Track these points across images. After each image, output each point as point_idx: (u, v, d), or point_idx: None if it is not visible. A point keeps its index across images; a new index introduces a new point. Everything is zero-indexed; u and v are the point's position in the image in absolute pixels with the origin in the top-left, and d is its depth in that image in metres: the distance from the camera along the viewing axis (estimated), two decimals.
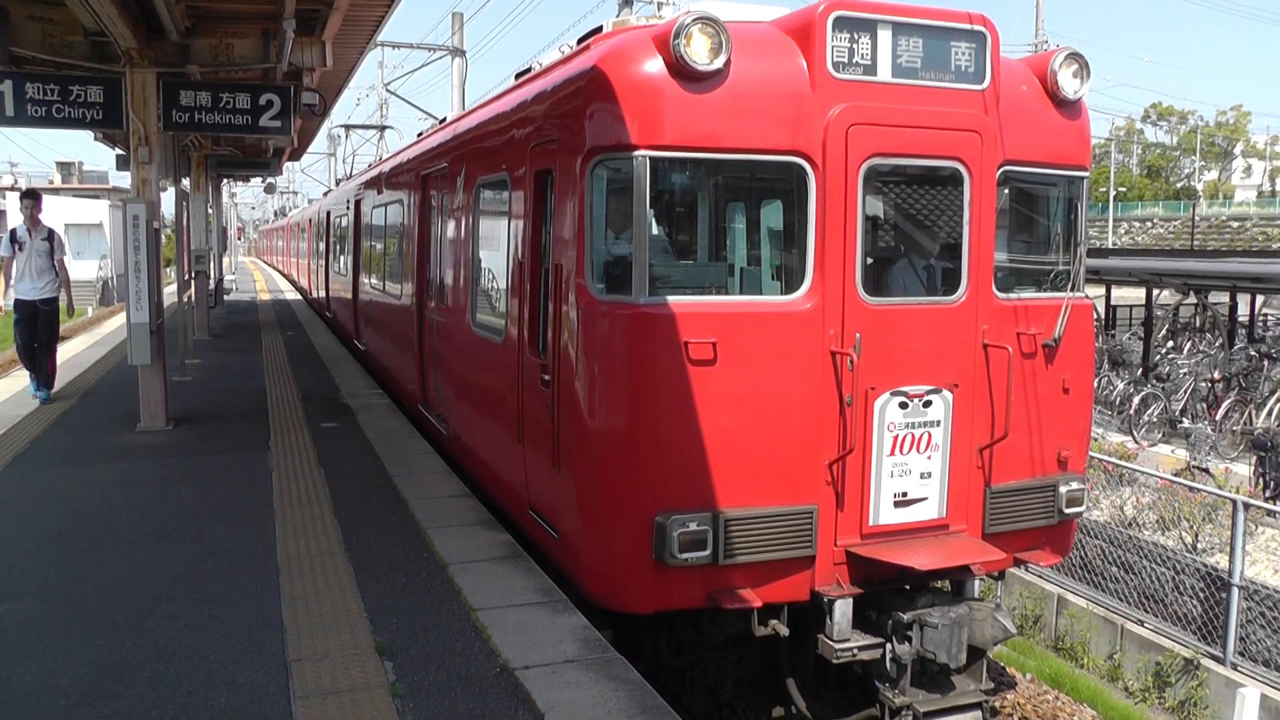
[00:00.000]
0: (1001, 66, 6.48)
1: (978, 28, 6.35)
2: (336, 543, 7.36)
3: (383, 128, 32.50)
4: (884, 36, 6.12)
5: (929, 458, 6.35)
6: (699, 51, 5.77)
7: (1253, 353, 20.16)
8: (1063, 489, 6.88)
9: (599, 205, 6.12)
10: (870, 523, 6.26)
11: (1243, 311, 24.56)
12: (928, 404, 6.32)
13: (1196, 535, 11.56)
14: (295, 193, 71.59)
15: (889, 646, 6.23)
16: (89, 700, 4.99)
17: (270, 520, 7.90)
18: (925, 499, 6.38)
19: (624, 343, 5.95)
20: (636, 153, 5.85)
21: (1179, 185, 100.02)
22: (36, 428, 11.52)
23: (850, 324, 6.11)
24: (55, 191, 69.00)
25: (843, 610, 6.19)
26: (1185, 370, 19.84)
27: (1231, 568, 9.44)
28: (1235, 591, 9.35)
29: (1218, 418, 17.39)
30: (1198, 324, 25.08)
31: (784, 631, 6.32)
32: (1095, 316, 14.84)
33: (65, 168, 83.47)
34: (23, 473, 9.43)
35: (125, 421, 11.63)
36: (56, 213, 56.67)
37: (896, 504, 6.31)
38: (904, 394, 6.25)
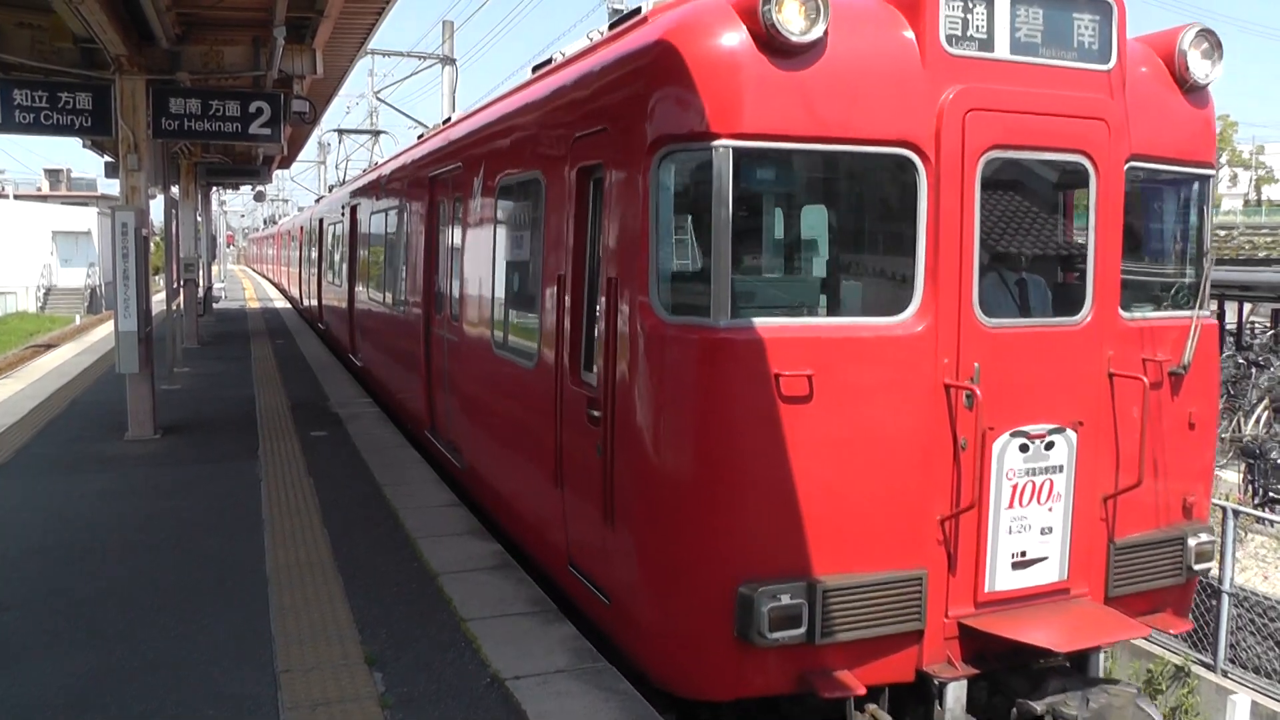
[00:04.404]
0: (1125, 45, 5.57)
1: None
2: (326, 552, 7.32)
3: (377, 132, 32.43)
4: (1001, 4, 5.23)
5: (1050, 510, 5.42)
6: (792, 19, 4.82)
7: (1240, 360, 20.26)
8: (1191, 541, 5.88)
9: (666, 207, 5.20)
10: (986, 589, 5.32)
11: (1230, 319, 24.71)
12: (1049, 446, 5.39)
13: None
14: (285, 200, 71.47)
15: None
16: (76, 712, 4.94)
17: (259, 530, 7.85)
18: (1045, 559, 5.45)
19: (701, 376, 4.97)
20: (716, 143, 4.88)
21: None
22: (23, 436, 11.45)
23: (967, 351, 5.18)
24: (43, 199, 68.79)
25: (956, 695, 5.27)
26: None
27: (1221, 575, 9.46)
28: (1225, 599, 9.37)
29: None
30: None
31: None
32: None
33: (54, 175, 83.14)
34: (9, 482, 9.36)
35: (113, 430, 11.56)
36: (44, 220, 56.64)
37: (1014, 565, 5.37)
38: (1024, 434, 5.30)
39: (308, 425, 12.25)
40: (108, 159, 19.88)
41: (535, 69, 7.92)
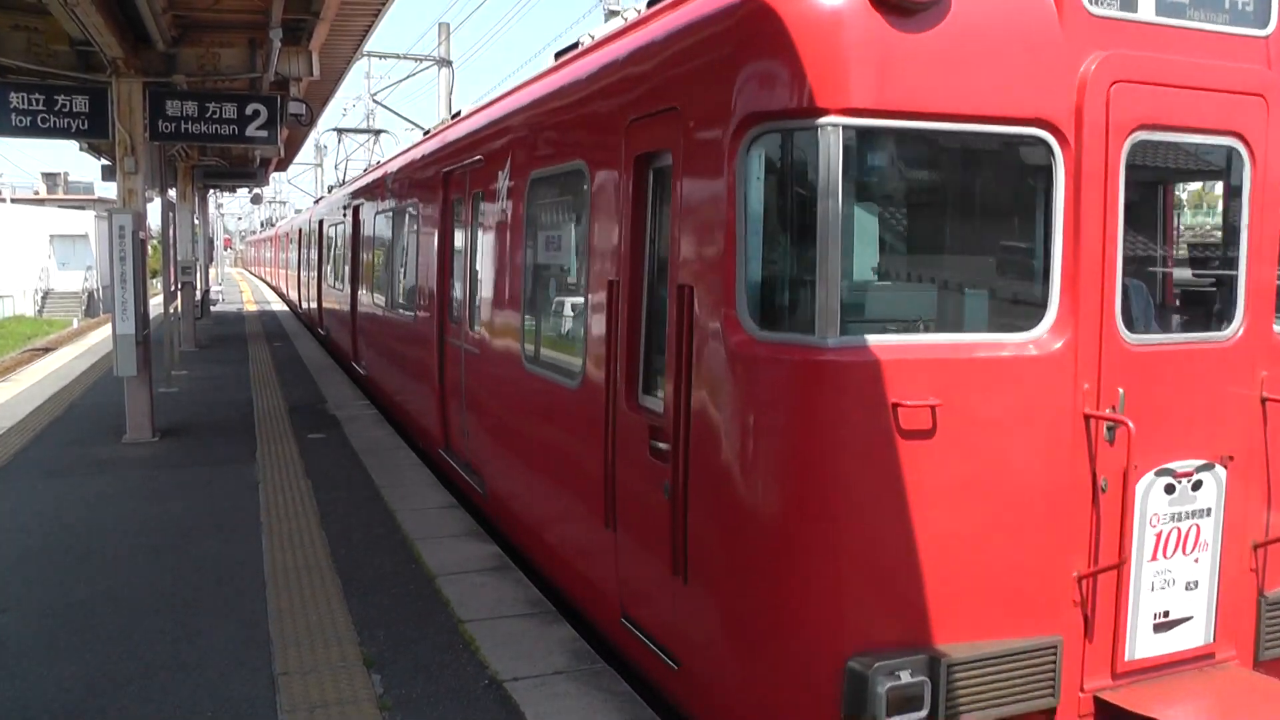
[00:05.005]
0: None
1: None
2: (324, 555, 7.31)
3: (377, 131, 32.32)
4: None
5: (1196, 561, 4.64)
6: None
7: None
8: None
9: (757, 201, 4.38)
10: (1125, 657, 4.55)
11: None
12: (1197, 485, 4.60)
13: None
14: (283, 203, 71.48)
15: None
16: (74, 716, 4.93)
17: (257, 533, 7.84)
18: (1190, 619, 4.67)
19: (803, 406, 4.18)
20: (822, 120, 4.05)
21: None
22: (21, 440, 11.43)
23: (1110, 374, 4.40)
24: (41, 202, 68.77)
25: None
26: None
27: None
28: None
29: None
30: None
31: None
32: None
33: (51, 178, 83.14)
34: (6, 486, 9.35)
35: (111, 433, 11.55)
36: (42, 223, 56.64)
37: (1156, 628, 4.62)
38: (1170, 473, 4.53)
39: (305, 428, 12.25)
40: (105, 162, 19.88)
41: (559, 55, 7.26)
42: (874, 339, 4.16)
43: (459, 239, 9.22)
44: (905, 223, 4.75)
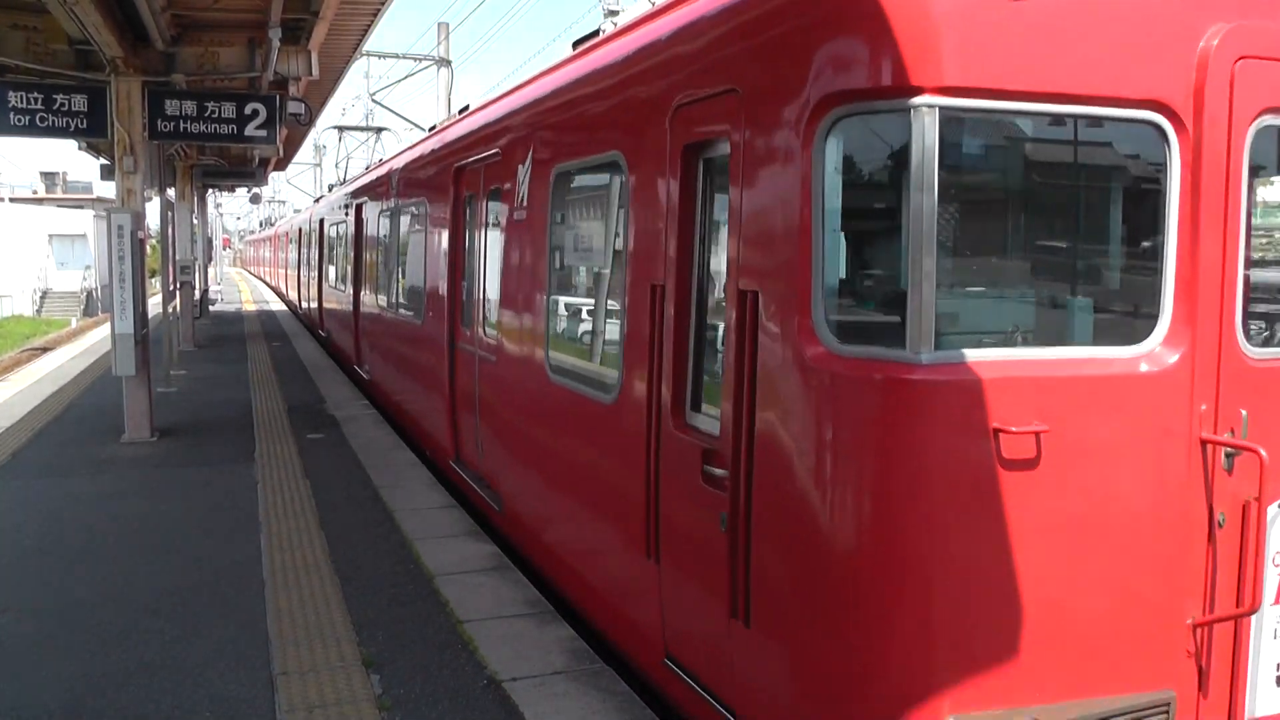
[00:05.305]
0: None
1: None
2: (323, 555, 7.31)
3: (379, 129, 32.26)
4: None
5: None
6: None
7: None
8: None
9: (835, 194, 3.85)
10: (1246, 714, 4.07)
11: None
12: None
13: None
14: (282, 202, 71.51)
15: None
16: (72, 715, 4.92)
17: (256, 533, 7.84)
18: None
19: (892, 431, 3.66)
20: (915, 101, 3.54)
21: None
22: (20, 439, 11.43)
23: (1230, 392, 3.89)
24: (39, 202, 68.74)
25: None
26: None
27: None
28: None
29: None
30: None
31: None
32: None
33: (50, 178, 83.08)
34: (5, 485, 9.34)
35: (109, 433, 11.54)
36: (41, 223, 56.62)
37: (1279, 680, 4.13)
38: None
39: (304, 427, 12.24)
40: (103, 161, 19.88)
41: (577, 44, 6.86)
42: (972, 354, 3.66)
43: (472, 238, 8.73)
44: (1002, 219, 4.17)
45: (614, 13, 15.37)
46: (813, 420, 3.83)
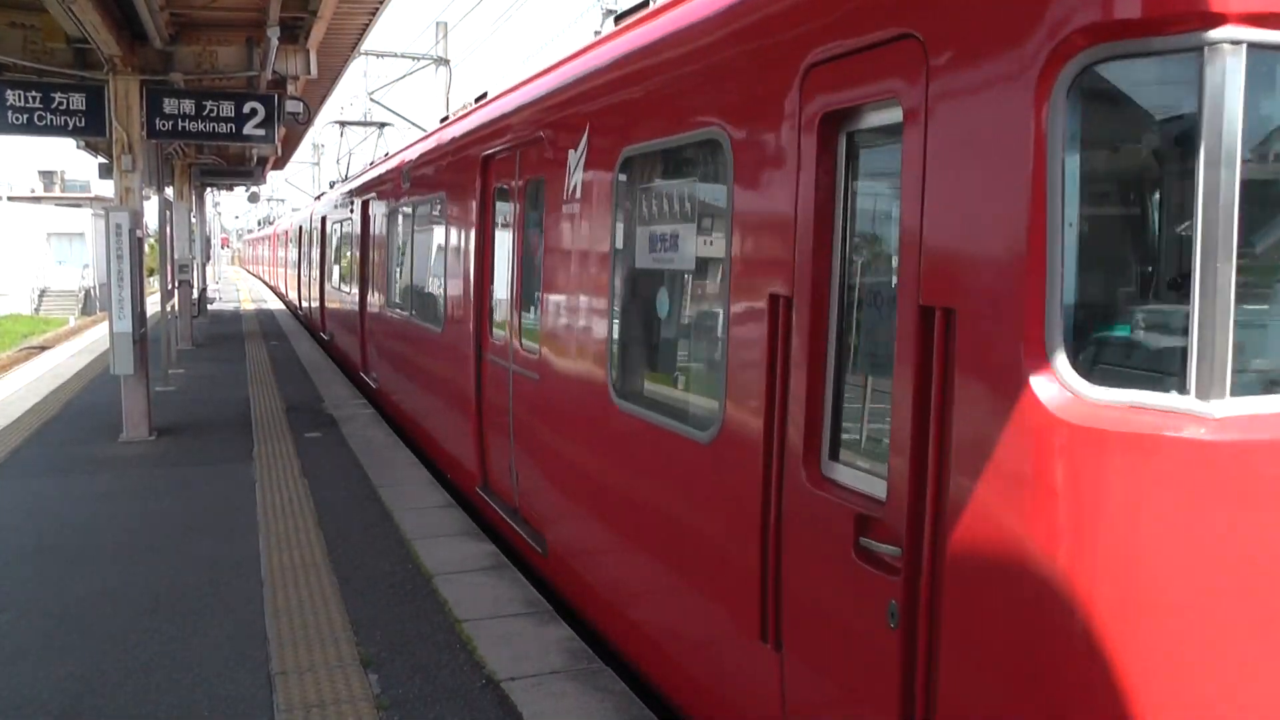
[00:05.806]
0: None
1: None
2: (321, 554, 7.30)
3: (382, 124, 32.16)
4: None
5: None
6: None
7: None
8: None
9: (1085, 171, 2.77)
10: None
11: None
12: None
13: None
14: (281, 201, 71.49)
15: None
16: (70, 715, 4.91)
17: (254, 532, 7.84)
18: None
19: (1183, 511, 2.62)
20: (1212, 34, 2.53)
21: None
22: (17, 438, 11.42)
23: None
24: (37, 200, 68.70)
25: None
26: None
27: None
28: None
29: None
30: None
31: None
32: None
33: (48, 176, 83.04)
34: (2, 484, 9.34)
35: (107, 432, 11.54)
36: (39, 222, 56.58)
37: None
38: None
39: (302, 427, 12.24)
40: (102, 160, 19.86)
41: (619, 17, 6.04)
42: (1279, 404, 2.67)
43: (505, 237, 7.64)
44: None
45: (613, 12, 15.37)
46: (1052, 489, 2.70)
